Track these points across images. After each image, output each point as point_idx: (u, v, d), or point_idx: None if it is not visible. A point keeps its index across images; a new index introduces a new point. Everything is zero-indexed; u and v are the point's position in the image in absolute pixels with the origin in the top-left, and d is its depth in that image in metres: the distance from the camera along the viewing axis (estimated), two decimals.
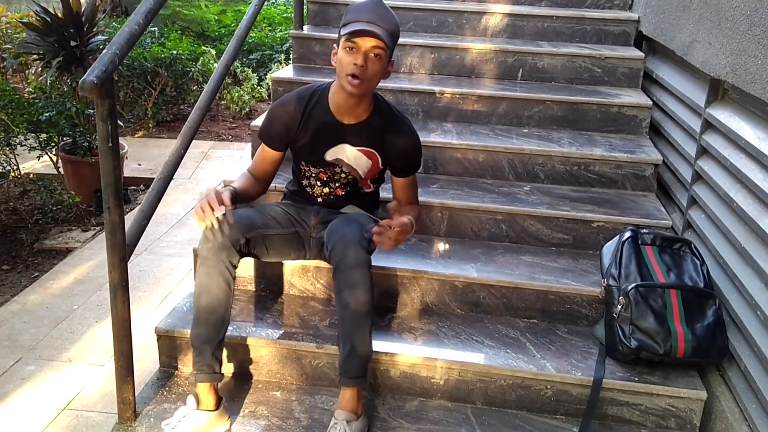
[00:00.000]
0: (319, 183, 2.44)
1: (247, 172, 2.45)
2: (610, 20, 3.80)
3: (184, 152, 2.47)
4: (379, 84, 3.38)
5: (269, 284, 2.77)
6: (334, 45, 2.24)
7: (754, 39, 2.28)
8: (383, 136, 2.36)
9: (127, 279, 2.15)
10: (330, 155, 2.37)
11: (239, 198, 2.27)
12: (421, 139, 3.11)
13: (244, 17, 3.14)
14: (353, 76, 2.15)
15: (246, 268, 2.72)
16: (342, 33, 2.16)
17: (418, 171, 2.46)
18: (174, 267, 3.78)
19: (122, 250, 2.09)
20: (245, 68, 7.09)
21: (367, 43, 2.14)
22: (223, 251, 2.17)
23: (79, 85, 1.86)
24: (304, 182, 2.47)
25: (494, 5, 3.95)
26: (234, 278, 2.23)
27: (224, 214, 2.09)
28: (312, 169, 2.42)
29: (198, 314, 2.21)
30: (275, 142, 2.39)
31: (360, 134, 2.35)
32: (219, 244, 2.16)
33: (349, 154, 2.36)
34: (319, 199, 2.48)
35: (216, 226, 2.11)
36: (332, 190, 2.46)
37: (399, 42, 3.67)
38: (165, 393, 2.42)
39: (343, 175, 2.40)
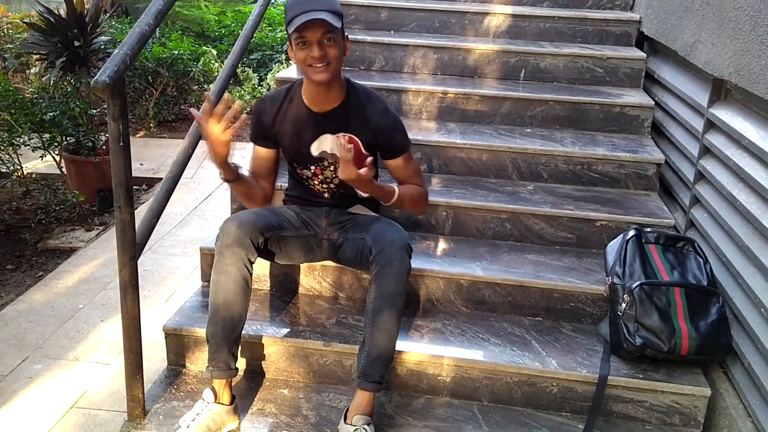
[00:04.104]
0: (317, 182, 2.47)
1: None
2: (612, 21, 3.82)
3: (192, 151, 2.49)
4: (382, 84, 3.44)
5: (275, 282, 2.79)
6: (288, 43, 2.26)
7: (757, 39, 2.30)
8: (359, 118, 2.36)
9: (137, 277, 2.16)
10: (315, 149, 2.38)
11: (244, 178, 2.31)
12: (424, 138, 3.18)
13: (250, 18, 3.16)
14: (314, 65, 2.18)
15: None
16: (289, 32, 2.17)
17: (426, 172, 2.46)
18: (178, 266, 3.80)
19: (132, 248, 2.11)
20: (246, 68, 7.10)
21: (316, 33, 2.15)
22: (242, 248, 2.18)
23: (92, 85, 1.88)
24: (305, 183, 2.50)
25: (496, 6, 3.97)
26: (251, 274, 2.24)
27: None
28: (304, 170, 2.44)
29: (215, 311, 2.22)
30: (263, 139, 2.42)
31: (337, 120, 2.36)
32: (238, 241, 2.18)
33: (332, 143, 2.37)
34: (326, 195, 2.49)
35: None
36: (332, 190, 2.48)
37: (402, 42, 3.74)
38: (173, 391, 2.44)
39: (332, 168, 2.41)
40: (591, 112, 3.38)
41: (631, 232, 2.55)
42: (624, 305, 2.39)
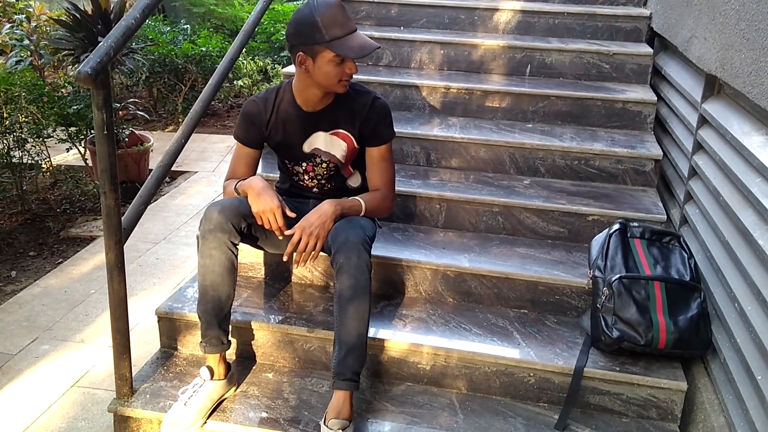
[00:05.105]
0: (307, 177, 2.53)
1: (230, 180, 2.48)
2: (622, 16, 3.80)
3: (185, 142, 2.58)
4: (387, 79, 3.50)
5: (268, 271, 2.86)
6: (303, 53, 2.23)
7: (740, 33, 2.29)
8: (348, 113, 2.42)
9: (123, 261, 2.25)
10: (307, 146, 2.44)
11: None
12: (423, 133, 3.22)
13: (252, 14, 3.25)
14: (344, 80, 2.28)
15: (246, 255, 2.81)
16: (337, 51, 2.20)
17: (420, 165, 2.47)
18: (190, 255, 3.91)
19: (118, 232, 2.20)
20: (276, 65, 7.23)
21: None
22: (224, 233, 2.26)
23: (75, 76, 1.98)
24: (295, 178, 2.56)
25: (506, 2, 3.97)
26: (236, 256, 2.33)
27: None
28: (296, 167, 2.51)
29: (203, 292, 2.32)
30: (253, 139, 2.47)
31: (329, 118, 2.42)
32: (220, 226, 2.26)
33: (324, 140, 2.43)
34: (315, 190, 2.55)
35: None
36: (321, 184, 2.54)
37: (409, 38, 3.78)
38: (163, 372, 2.53)
39: (324, 165, 2.47)
40: (593, 107, 3.38)
41: (615, 226, 2.56)
42: (603, 298, 2.40)
